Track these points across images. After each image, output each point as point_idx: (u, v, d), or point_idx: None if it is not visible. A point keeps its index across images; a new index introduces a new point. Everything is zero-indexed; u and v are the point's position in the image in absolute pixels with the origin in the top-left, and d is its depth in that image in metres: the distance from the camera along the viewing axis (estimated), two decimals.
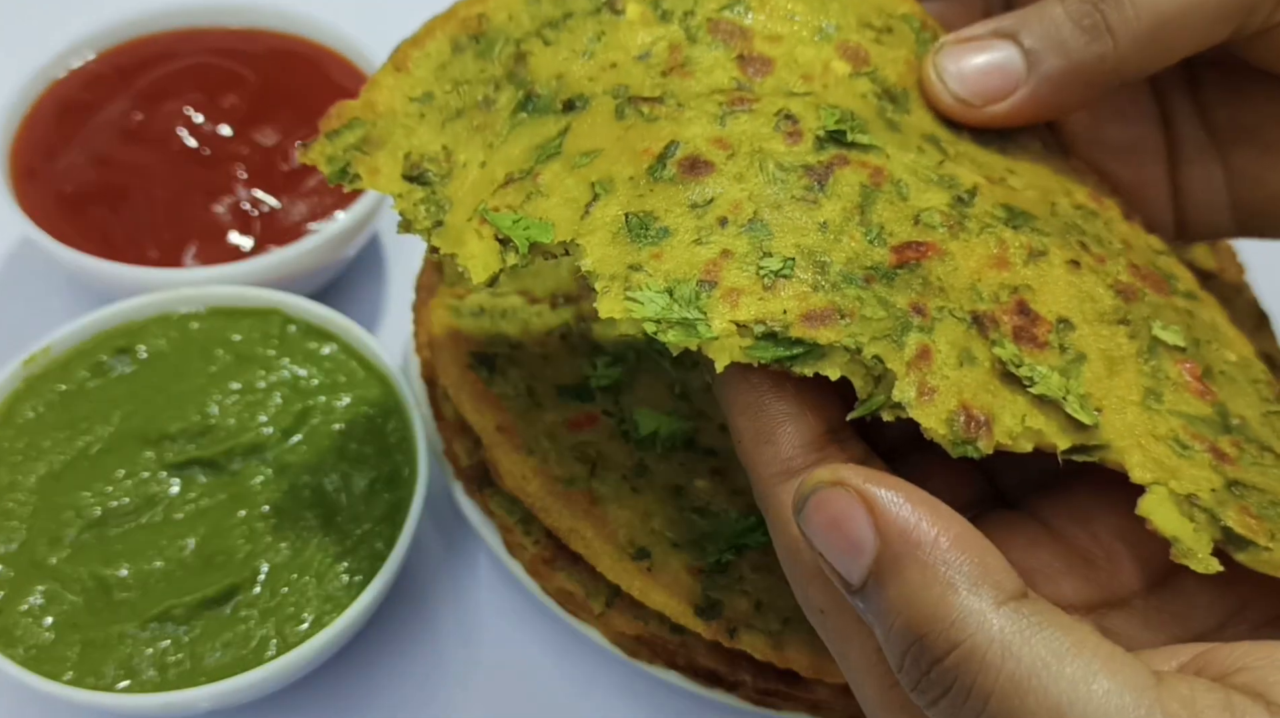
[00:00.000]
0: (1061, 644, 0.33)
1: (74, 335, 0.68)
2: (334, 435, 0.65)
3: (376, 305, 0.84)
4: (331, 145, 0.50)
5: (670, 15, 0.51)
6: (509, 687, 0.67)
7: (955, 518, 0.35)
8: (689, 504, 0.62)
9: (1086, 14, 0.47)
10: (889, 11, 0.53)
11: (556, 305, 0.72)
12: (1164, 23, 0.46)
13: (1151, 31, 0.46)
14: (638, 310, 0.41)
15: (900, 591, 0.35)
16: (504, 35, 0.52)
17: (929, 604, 0.34)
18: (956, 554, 0.34)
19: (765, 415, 0.41)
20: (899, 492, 0.36)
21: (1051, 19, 0.47)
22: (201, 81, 0.81)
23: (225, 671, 0.57)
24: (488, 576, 0.71)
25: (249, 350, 0.68)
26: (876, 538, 0.35)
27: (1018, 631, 0.33)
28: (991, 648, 0.33)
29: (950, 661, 0.34)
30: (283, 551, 0.61)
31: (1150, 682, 0.33)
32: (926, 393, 0.39)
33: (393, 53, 0.52)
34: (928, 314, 0.41)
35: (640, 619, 0.61)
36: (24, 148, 0.78)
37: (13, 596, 0.59)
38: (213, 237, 0.75)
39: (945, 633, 0.34)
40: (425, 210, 0.48)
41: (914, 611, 0.34)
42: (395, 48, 0.52)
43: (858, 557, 0.36)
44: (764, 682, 0.60)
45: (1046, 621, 0.34)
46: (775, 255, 0.41)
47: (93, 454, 0.64)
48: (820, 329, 0.40)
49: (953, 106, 0.49)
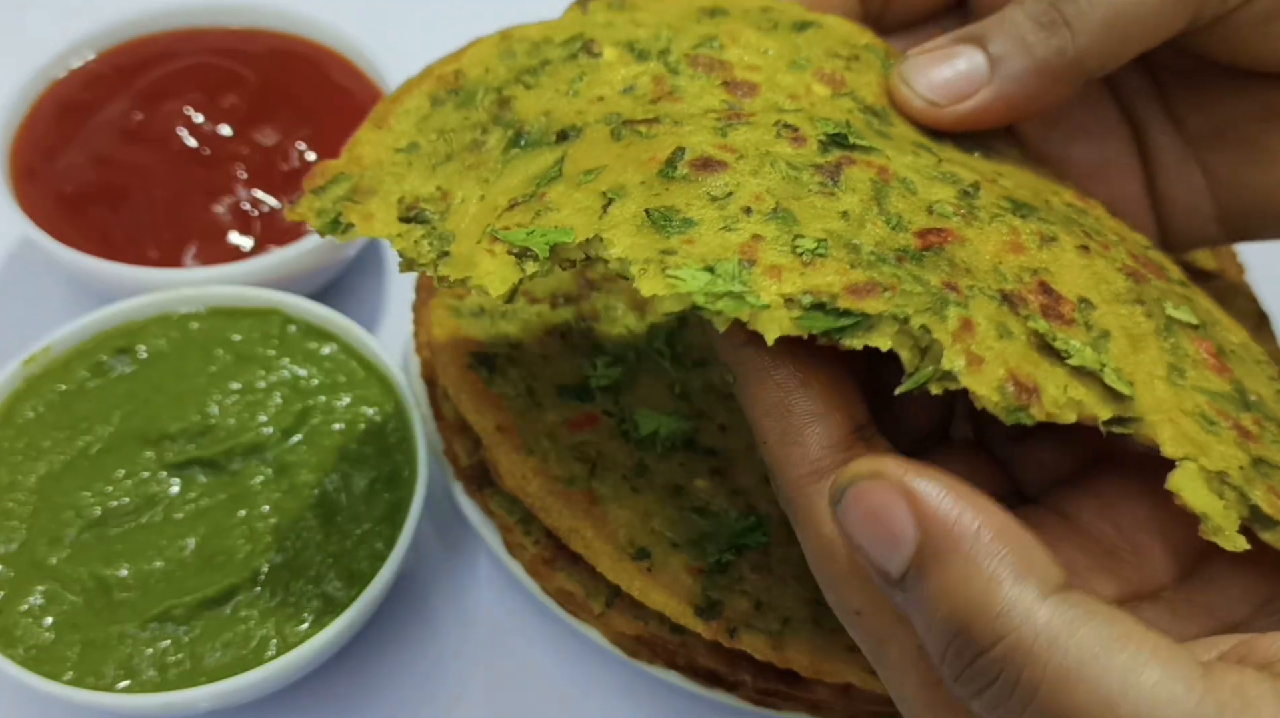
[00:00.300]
0: (1109, 635, 0.33)
1: (74, 335, 0.68)
2: (334, 436, 0.65)
3: (376, 306, 0.84)
4: (319, 199, 0.49)
5: (647, 54, 0.51)
6: (509, 686, 0.67)
7: (997, 510, 0.35)
8: (689, 504, 0.63)
9: (1044, 11, 0.48)
10: (852, 43, 0.54)
11: (556, 305, 0.73)
12: (1119, 13, 0.47)
13: (1107, 21, 0.47)
14: (681, 286, 0.40)
15: (943, 582, 0.34)
16: (483, 86, 0.52)
17: (974, 596, 0.34)
18: (1000, 546, 0.34)
19: (792, 416, 0.41)
20: (940, 484, 0.35)
21: (1013, 21, 0.49)
22: (201, 81, 0.81)
23: (225, 671, 0.57)
24: (488, 575, 0.71)
25: (249, 350, 0.69)
26: (917, 530, 0.35)
27: (1064, 622, 0.33)
28: (1039, 640, 0.33)
29: (996, 652, 0.34)
30: (283, 550, 0.61)
31: (1199, 672, 0.33)
32: (975, 362, 0.39)
33: (370, 114, 0.52)
34: (960, 291, 0.41)
35: (640, 619, 0.61)
36: (24, 148, 0.78)
37: (13, 596, 0.59)
38: (213, 237, 0.75)
39: (990, 625, 0.34)
40: (428, 245, 0.47)
41: (958, 602, 0.34)
42: (373, 109, 0.52)
43: (898, 549, 0.35)
44: (764, 682, 0.60)
45: (1092, 612, 0.33)
46: (807, 237, 0.41)
47: (93, 454, 0.64)
48: (867, 300, 0.40)
49: (923, 109, 0.50)
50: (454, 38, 1.08)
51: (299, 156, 0.79)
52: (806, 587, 0.61)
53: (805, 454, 0.41)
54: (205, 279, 0.71)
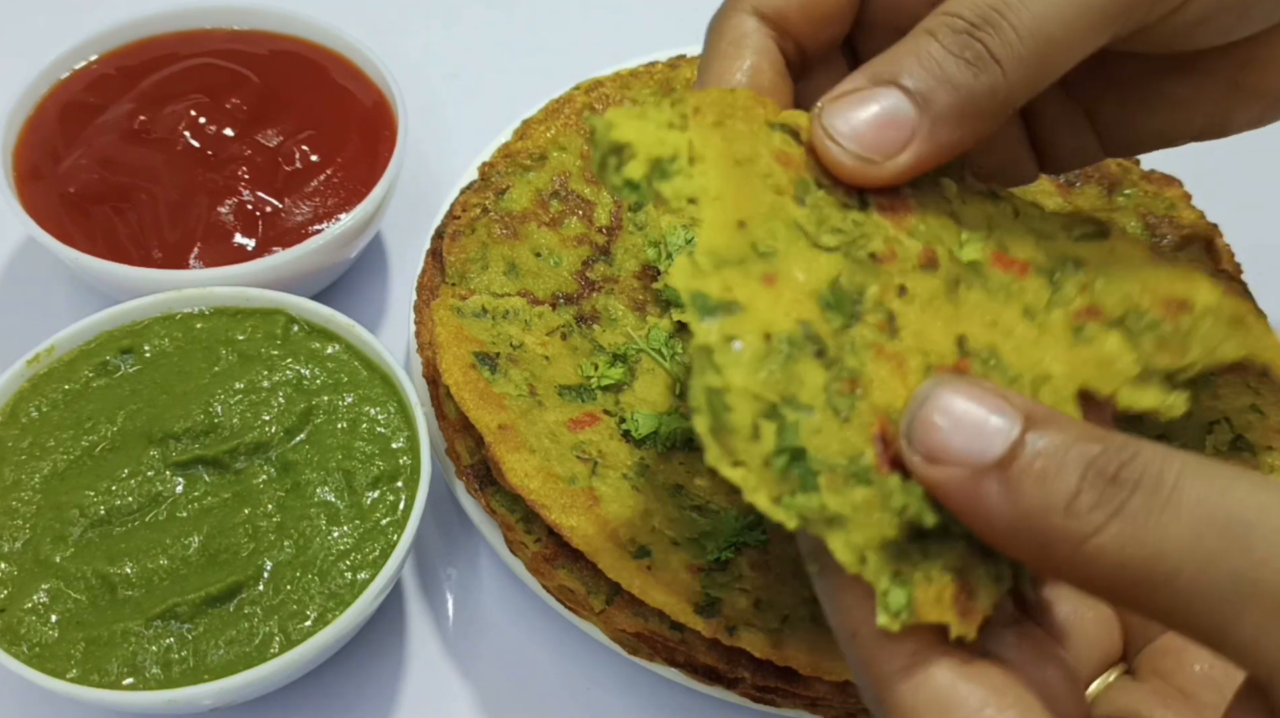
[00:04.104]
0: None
1: (78, 335, 0.68)
2: (337, 435, 0.66)
3: (379, 305, 0.84)
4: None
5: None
6: (510, 683, 0.68)
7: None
8: (689, 503, 0.63)
9: (966, 45, 0.43)
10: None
11: (557, 306, 0.73)
12: (1048, 41, 0.43)
13: (1037, 53, 0.43)
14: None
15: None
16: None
17: (1100, 430, 0.35)
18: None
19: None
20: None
21: (930, 55, 0.44)
22: (205, 83, 0.82)
23: (229, 668, 0.57)
24: (489, 573, 0.72)
25: (253, 350, 0.69)
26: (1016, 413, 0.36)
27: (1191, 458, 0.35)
28: (1166, 449, 0.34)
29: (1143, 457, 0.34)
30: (286, 548, 0.61)
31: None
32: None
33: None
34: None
35: (640, 617, 0.62)
36: (28, 149, 0.78)
37: (17, 594, 0.59)
38: (217, 238, 0.75)
39: (1125, 442, 0.35)
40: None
41: (1091, 432, 0.35)
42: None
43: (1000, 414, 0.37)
44: (763, 679, 0.60)
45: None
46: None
47: (97, 453, 0.64)
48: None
49: (855, 168, 0.44)
50: (454, 38, 1.09)
51: (302, 157, 0.79)
52: (805, 585, 0.61)
53: (900, 648, 0.38)
54: (209, 280, 0.71)
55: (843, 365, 0.39)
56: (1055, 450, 0.35)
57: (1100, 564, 0.34)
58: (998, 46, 0.43)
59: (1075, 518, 0.34)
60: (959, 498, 0.37)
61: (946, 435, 0.37)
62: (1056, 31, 0.43)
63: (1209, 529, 0.32)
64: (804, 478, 0.37)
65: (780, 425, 0.37)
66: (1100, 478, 0.34)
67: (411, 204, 0.87)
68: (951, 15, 0.44)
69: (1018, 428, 0.36)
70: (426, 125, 0.92)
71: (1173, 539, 0.33)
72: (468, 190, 0.77)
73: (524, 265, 0.74)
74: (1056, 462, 0.35)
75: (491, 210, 0.76)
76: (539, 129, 0.80)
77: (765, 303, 0.39)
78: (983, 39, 0.43)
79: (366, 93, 0.83)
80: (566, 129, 0.80)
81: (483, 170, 0.78)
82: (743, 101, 0.45)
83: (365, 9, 1.03)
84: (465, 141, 0.87)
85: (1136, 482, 0.34)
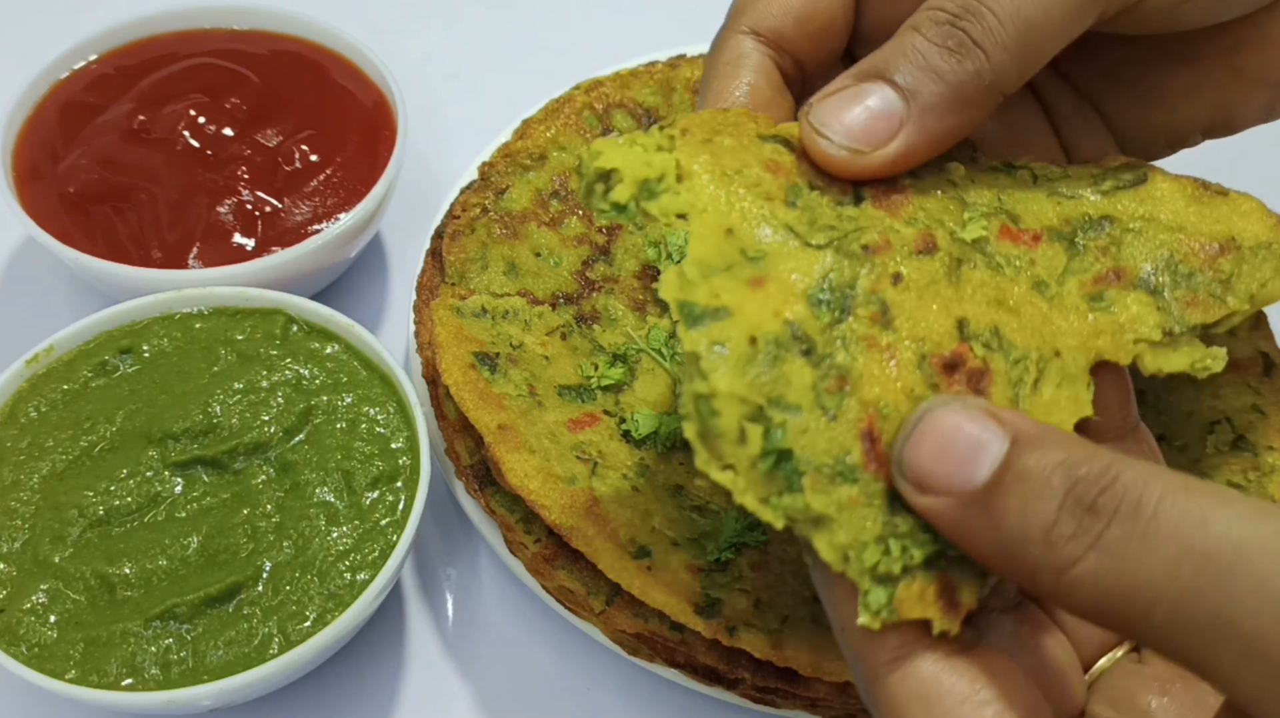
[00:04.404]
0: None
1: (77, 335, 0.68)
2: (336, 435, 0.66)
3: (378, 305, 0.84)
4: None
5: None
6: (509, 684, 0.68)
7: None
8: (689, 503, 0.63)
9: (949, 35, 0.44)
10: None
11: (557, 306, 0.73)
12: (1030, 26, 0.44)
13: (1019, 38, 0.44)
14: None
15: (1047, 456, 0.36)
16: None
17: (1085, 451, 0.36)
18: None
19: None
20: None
21: (915, 49, 0.45)
22: (204, 83, 0.82)
23: (228, 668, 0.57)
24: (489, 574, 0.72)
25: (252, 350, 0.69)
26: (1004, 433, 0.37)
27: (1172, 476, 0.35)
28: (1150, 470, 0.34)
29: (1122, 482, 0.34)
30: (285, 549, 0.61)
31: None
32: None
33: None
34: None
35: (640, 617, 0.62)
36: (27, 149, 0.78)
37: (16, 594, 0.59)
38: (216, 237, 0.75)
39: (1107, 466, 0.35)
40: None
41: (1074, 454, 0.36)
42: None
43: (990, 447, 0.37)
44: (763, 679, 0.60)
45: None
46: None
47: (96, 453, 0.64)
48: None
49: (844, 160, 0.44)
50: (454, 38, 1.09)
51: (301, 157, 0.79)
52: (805, 585, 0.61)
53: (886, 642, 0.39)
54: (208, 280, 0.71)
55: (832, 363, 0.39)
56: (1036, 476, 0.35)
57: (1080, 594, 0.34)
58: (979, 33, 0.44)
59: (1053, 549, 0.35)
60: (947, 525, 0.37)
61: (934, 464, 0.37)
62: (1036, 15, 0.44)
63: (1186, 563, 0.32)
64: (789, 479, 0.37)
65: (766, 427, 0.37)
66: (1079, 506, 0.35)
67: (411, 204, 0.87)
68: (935, 9, 0.45)
69: (1004, 451, 0.36)
70: (426, 125, 0.92)
71: (1149, 572, 0.33)
72: (467, 190, 0.77)
73: (524, 265, 0.74)
74: (1036, 489, 0.35)
75: (491, 210, 0.76)
76: (539, 129, 0.79)
77: (753, 306, 0.39)
78: (964, 27, 0.44)
79: (366, 93, 0.83)
80: (566, 129, 0.80)
81: (482, 170, 0.78)
82: (733, 118, 0.45)
83: (365, 9, 1.03)
84: (465, 141, 0.87)
85: (1115, 510, 0.34)
